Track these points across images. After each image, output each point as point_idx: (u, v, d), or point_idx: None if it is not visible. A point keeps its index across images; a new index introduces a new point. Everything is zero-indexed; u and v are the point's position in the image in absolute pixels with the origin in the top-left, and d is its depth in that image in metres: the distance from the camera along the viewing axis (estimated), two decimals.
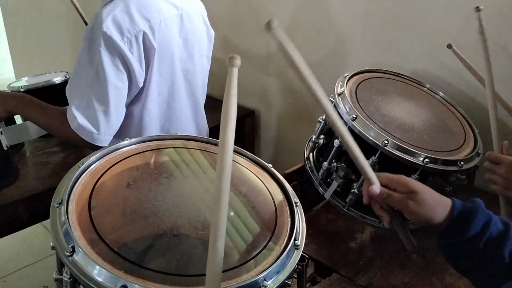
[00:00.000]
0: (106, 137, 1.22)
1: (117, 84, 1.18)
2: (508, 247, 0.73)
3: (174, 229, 0.77)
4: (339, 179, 1.16)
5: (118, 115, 1.22)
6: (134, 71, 1.20)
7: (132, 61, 1.19)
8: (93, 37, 1.16)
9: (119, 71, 1.18)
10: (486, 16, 1.37)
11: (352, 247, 1.21)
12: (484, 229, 0.75)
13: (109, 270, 0.66)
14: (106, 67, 1.16)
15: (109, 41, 1.15)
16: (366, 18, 1.68)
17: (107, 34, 1.14)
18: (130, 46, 1.17)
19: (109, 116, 1.20)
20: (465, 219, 0.76)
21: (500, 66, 1.39)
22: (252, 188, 0.93)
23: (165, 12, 1.26)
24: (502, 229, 0.75)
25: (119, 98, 1.20)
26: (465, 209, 0.77)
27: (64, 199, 0.76)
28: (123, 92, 1.21)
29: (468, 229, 0.75)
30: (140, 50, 1.20)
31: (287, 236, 0.81)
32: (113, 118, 1.20)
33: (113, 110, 1.19)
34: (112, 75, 1.17)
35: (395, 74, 1.40)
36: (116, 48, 1.16)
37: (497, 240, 0.74)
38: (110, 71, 1.16)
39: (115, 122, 1.22)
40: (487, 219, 0.75)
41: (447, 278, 1.08)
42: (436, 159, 1.07)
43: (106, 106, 1.18)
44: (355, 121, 1.10)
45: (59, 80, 1.68)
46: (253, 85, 2.17)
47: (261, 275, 0.70)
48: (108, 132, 1.22)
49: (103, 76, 1.17)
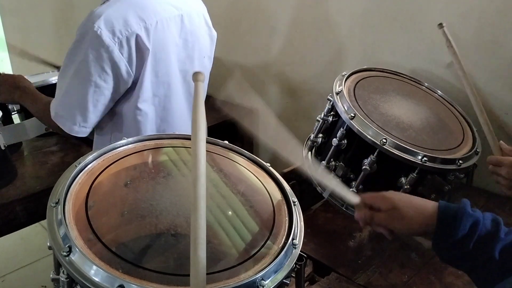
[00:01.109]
0: (82, 129, 1.25)
1: (98, 82, 1.19)
2: (499, 246, 0.73)
3: (172, 228, 0.77)
4: (338, 178, 1.16)
5: (96, 111, 1.24)
6: (121, 71, 1.20)
7: (120, 62, 1.19)
8: (83, 33, 1.17)
9: (103, 71, 1.18)
10: (484, 15, 1.37)
11: (350, 246, 1.20)
12: (472, 230, 0.75)
13: (106, 270, 0.66)
14: (90, 65, 1.17)
15: (97, 40, 1.15)
16: (365, 17, 1.67)
17: (97, 33, 1.14)
18: (120, 47, 1.17)
19: (86, 111, 1.22)
20: (451, 223, 0.76)
21: (498, 64, 1.39)
22: (250, 187, 0.92)
23: (163, 13, 1.26)
24: (491, 229, 0.75)
25: (98, 96, 1.22)
26: (450, 212, 0.77)
27: (61, 199, 0.76)
28: (104, 91, 1.22)
29: (455, 231, 0.75)
30: (131, 51, 1.20)
31: (285, 235, 0.81)
32: (90, 114, 1.23)
33: (90, 106, 1.22)
34: (94, 74, 1.18)
35: (394, 72, 1.40)
36: (104, 47, 1.15)
37: (487, 240, 0.74)
38: (93, 69, 1.17)
39: (92, 117, 1.24)
40: (474, 220, 0.75)
41: (446, 277, 1.08)
42: (434, 157, 1.07)
43: (84, 101, 1.21)
44: (353, 120, 1.10)
45: (56, 80, 1.67)
46: (252, 84, 2.16)
47: (259, 274, 0.69)
48: (84, 124, 1.24)
49: (85, 73, 1.18)
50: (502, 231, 0.75)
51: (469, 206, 0.78)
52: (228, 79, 2.26)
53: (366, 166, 1.09)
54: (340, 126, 1.15)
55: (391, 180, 1.11)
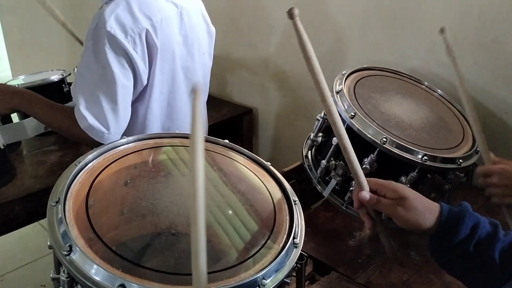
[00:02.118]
0: (116, 136, 1.22)
1: (124, 82, 1.19)
2: (498, 248, 0.73)
3: (172, 227, 0.77)
4: (338, 177, 1.16)
5: (126, 113, 1.23)
6: (138, 69, 1.21)
7: (137, 59, 1.19)
8: (97, 37, 1.16)
9: (125, 70, 1.19)
10: (484, 14, 1.37)
11: (350, 245, 1.20)
12: (473, 232, 0.75)
13: (106, 269, 0.66)
14: (113, 66, 1.16)
15: (113, 40, 1.15)
16: (365, 16, 1.67)
17: (111, 33, 1.14)
18: (134, 45, 1.18)
19: (118, 115, 1.20)
20: (453, 223, 0.76)
21: (498, 63, 1.39)
22: (250, 186, 0.92)
23: (165, 11, 1.26)
24: (490, 231, 0.75)
25: (126, 96, 1.21)
26: (453, 213, 0.77)
27: (61, 198, 0.75)
28: (129, 90, 1.22)
29: (457, 233, 0.75)
30: (144, 48, 1.20)
31: (285, 234, 0.81)
32: (121, 117, 1.22)
33: (121, 108, 1.20)
34: (119, 74, 1.17)
35: (394, 71, 1.40)
36: (121, 47, 1.16)
37: (487, 242, 0.74)
38: (117, 69, 1.17)
39: (124, 120, 1.23)
40: (475, 222, 0.76)
41: (446, 276, 1.08)
42: (434, 156, 1.07)
43: (114, 105, 1.19)
44: (354, 119, 1.10)
45: (56, 79, 1.67)
46: (251, 83, 2.16)
47: (260, 274, 0.69)
48: (118, 131, 1.23)
49: (110, 75, 1.17)
50: (501, 232, 0.76)
51: (471, 208, 0.78)
52: (228, 78, 2.27)
53: (366, 165, 1.09)
54: None
55: (391, 179, 1.09)
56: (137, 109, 1.30)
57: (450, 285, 1.06)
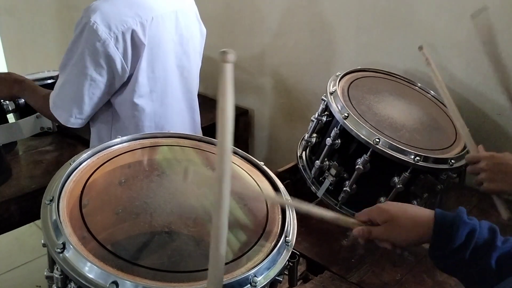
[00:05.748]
0: (78, 121, 1.29)
1: (94, 76, 1.22)
2: (495, 255, 0.72)
3: (166, 226, 0.78)
4: (332, 178, 1.17)
5: (91, 103, 1.26)
6: (116, 65, 1.22)
7: (115, 56, 1.20)
8: (79, 29, 1.19)
9: (98, 65, 1.20)
10: (482, 16, 1.38)
11: (344, 244, 1.21)
12: (468, 239, 0.74)
13: (100, 266, 0.66)
14: (86, 58, 1.19)
15: (93, 34, 1.16)
16: (359, 18, 1.68)
17: (93, 27, 1.16)
18: (116, 41, 1.19)
19: (81, 102, 1.25)
20: (447, 231, 0.75)
21: (491, 64, 1.40)
22: (244, 186, 0.93)
23: (158, 9, 1.27)
24: (487, 238, 0.74)
25: (94, 89, 1.24)
26: (447, 220, 0.76)
27: (55, 196, 0.76)
28: (99, 84, 1.24)
29: (452, 241, 0.74)
30: (127, 46, 1.21)
31: (278, 233, 0.81)
32: (86, 105, 1.26)
33: (86, 98, 1.24)
34: (89, 67, 1.20)
35: (387, 73, 1.41)
36: (99, 41, 1.17)
37: (483, 249, 0.73)
38: (89, 63, 1.20)
39: (88, 109, 1.27)
40: (471, 229, 0.74)
41: (438, 276, 1.09)
42: (427, 157, 1.08)
43: (79, 93, 1.24)
44: (347, 120, 1.11)
45: (52, 79, 1.67)
46: (247, 84, 2.17)
47: (252, 271, 0.70)
48: (79, 116, 1.28)
49: (81, 66, 1.20)
50: (499, 239, 0.74)
51: (466, 214, 0.77)
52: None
53: (360, 166, 1.10)
54: (334, 126, 1.16)
55: (384, 179, 1.12)
56: (119, 105, 1.32)
57: (442, 284, 1.07)
